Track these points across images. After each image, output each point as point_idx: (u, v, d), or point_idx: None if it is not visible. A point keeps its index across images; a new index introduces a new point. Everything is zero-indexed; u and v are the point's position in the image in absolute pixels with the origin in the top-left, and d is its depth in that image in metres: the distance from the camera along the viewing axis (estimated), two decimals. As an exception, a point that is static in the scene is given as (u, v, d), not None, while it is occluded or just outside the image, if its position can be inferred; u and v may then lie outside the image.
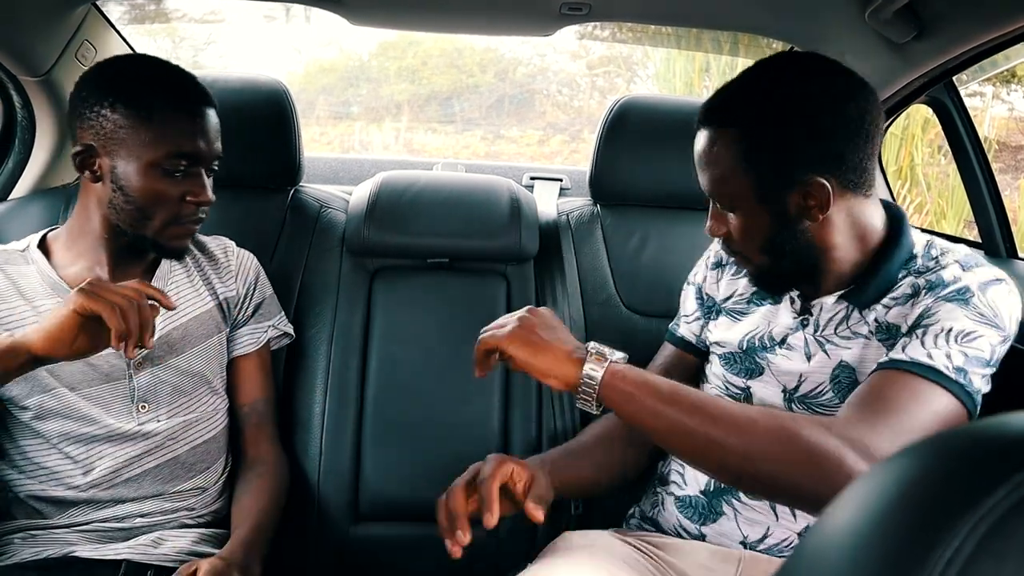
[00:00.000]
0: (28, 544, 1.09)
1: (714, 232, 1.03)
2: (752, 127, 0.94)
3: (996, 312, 0.90)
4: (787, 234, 0.96)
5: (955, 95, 1.37)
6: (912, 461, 0.36)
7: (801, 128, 0.92)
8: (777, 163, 0.93)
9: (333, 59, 5.64)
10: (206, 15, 2.85)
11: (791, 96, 0.92)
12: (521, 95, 5.49)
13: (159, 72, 1.11)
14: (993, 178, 1.37)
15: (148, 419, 1.14)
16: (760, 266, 1.02)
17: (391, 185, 1.50)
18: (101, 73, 1.09)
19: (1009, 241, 1.34)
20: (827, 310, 1.02)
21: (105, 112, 1.05)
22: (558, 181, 1.92)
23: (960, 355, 0.88)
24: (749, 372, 1.09)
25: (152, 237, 1.11)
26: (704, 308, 1.21)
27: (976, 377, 0.88)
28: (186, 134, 1.08)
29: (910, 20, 1.19)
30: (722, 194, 0.99)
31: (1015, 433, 0.35)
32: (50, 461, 1.10)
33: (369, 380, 1.44)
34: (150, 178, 1.07)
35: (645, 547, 1.09)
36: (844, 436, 0.80)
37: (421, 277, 1.51)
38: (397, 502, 1.39)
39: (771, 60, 0.98)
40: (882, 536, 0.33)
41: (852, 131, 0.92)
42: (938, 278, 0.94)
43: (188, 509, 1.18)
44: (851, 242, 0.98)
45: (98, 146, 1.07)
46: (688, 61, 4.58)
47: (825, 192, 0.92)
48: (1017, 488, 0.31)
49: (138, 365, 1.13)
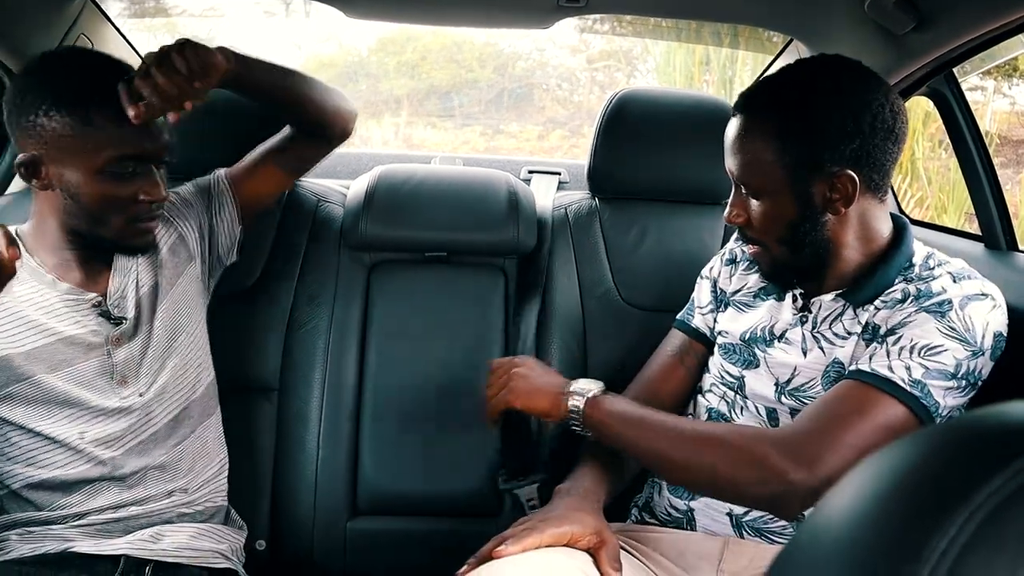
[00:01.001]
0: (26, 540, 1.08)
1: (733, 219, 1.06)
2: (791, 116, 0.98)
3: (969, 327, 0.93)
4: (808, 225, 1.00)
5: (955, 86, 1.36)
6: (909, 450, 0.36)
7: (840, 122, 0.95)
8: (811, 152, 0.97)
9: (332, 54, 5.63)
10: (205, 10, 2.84)
11: (832, 91, 0.97)
12: (520, 90, 5.48)
13: (94, 70, 1.04)
14: (994, 170, 1.36)
15: (129, 393, 1.13)
16: (776, 257, 1.05)
17: (389, 179, 1.50)
18: (34, 74, 1.04)
19: (1009, 234, 1.33)
20: (825, 307, 1.05)
21: (43, 120, 1.01)
22: (556, 175, 1.91)
23: (920, 368, 0.91)
24: (746, 363, 1.13)
25: (112, 239, 1.10)
26: (717, 301, 1.24)
27: (937, 390, 0.91)
28: (127, 136, 1.03)
29: (909, 11, 1.19)
30: (751, 179, 1.02)
31: (1012, 422, 0.35)
32: (37, 445, 1.09)
33: (367, 374, 1.44)
34: (99, 184, 1.04)
35: (627, 542, 1.11)
36: (791, 452, 0.89)
37: (419, 271, 1.51)
38: (395, 497, 1.39)
39: (813, 59, 1.04)
40: (878, 525, 0.33)
41: (885, 133, 0.96)
42: (926, 288, 0.97)
43: (183, 491, 1.16)
44: (859, 242, 1.02)
45: (43, 154, 1.03)
46: (688, 55, 4.56)
47: (852, 185, 0.96)
48: (1013, 477, 0.31)
49: (115, 341, 1.12)
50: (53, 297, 1.09)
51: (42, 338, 1.07)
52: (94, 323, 1.11)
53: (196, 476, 1.19)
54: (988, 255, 1.33)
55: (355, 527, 1.38)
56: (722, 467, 0.93)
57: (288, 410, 1.41)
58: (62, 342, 1.08)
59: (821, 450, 0.89)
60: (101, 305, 1.12)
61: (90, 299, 1.11)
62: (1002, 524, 0.30)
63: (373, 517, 1.40)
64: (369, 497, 1.40)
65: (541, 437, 1.42)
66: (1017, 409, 0.36)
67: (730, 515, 1.10)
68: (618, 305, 1.48)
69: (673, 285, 1.37)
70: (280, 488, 1.39)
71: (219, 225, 1.29)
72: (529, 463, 1.38)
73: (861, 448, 0.88)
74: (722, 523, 1.10)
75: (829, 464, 0.88)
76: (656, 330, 1.36)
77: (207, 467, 1.22)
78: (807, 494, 0.88)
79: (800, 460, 0.88)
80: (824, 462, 0.88)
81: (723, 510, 1.10)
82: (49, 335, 1.08)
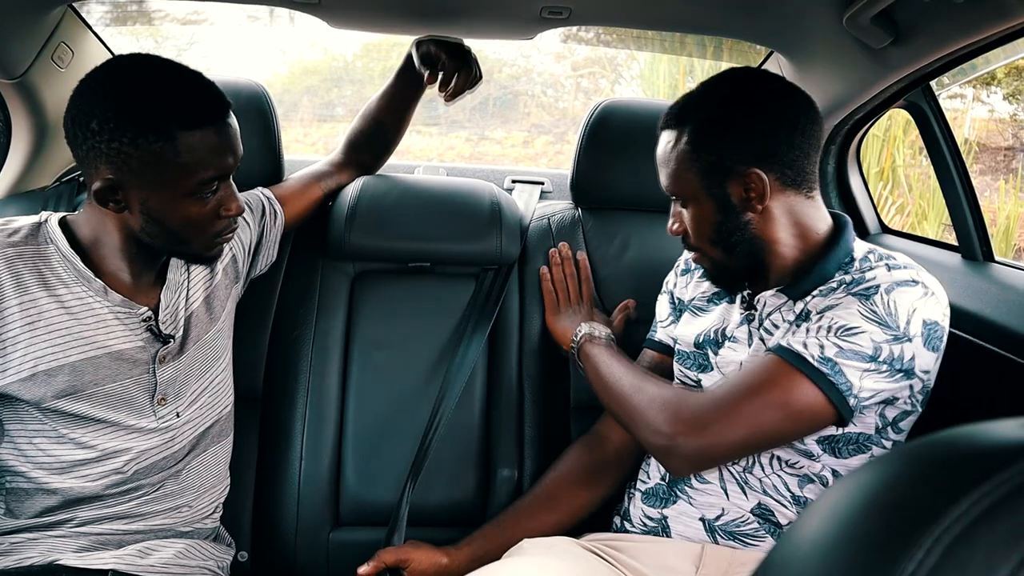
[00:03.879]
0: (14, 551, 1.05)
1: (674, 229, 1.14)
2: (702, 125, 1.06)
3: (892, 311, 0.95)
4: (732, 225, 1.07)
5: (932, 99, 1.38)
6: (879, 471, 0.37)
7: (742, 125, 1.04)
8: (720, 156, 1.04)
9: (317, 60, 5.62)
10: (189, 16, 2.82)
11: (736, 99, 1.06)
12: (505, 96, 5.49)
13: (171, 88, 0.98)
14: (970, 182, 1.38)
15: (167, 412, 1.11)
16: (715, 260, 1.11)
17: (372, 189, 1.50)
18: (107, 96, 0.96)
19: (985, 244, 1.35)
20: (768, 303, 1.09)
21: (126, 148, 0.95)
22: (539, 184, 1.92)
23: (833, 347, 0.95)
24: (700, 367, 1.18)
25: (191, 254, 1.08)
26: (675, 311, 1.29)
27: (851, 370, 0.94)
28: (214, 155, 0.99)
29: (887, 26, 1.20)
30: (677, 189, 1.10)
31: (981, 444, 0.36)
32: (65, 454, 1.04)
33: (350, 384, 1.43)
34: (186, 206, 1.01)
35: (603, 550, 1.13)
36: (686, 417, 1.00)
37: (402, 281, 1.51)
38: (378, 507, 1.38)
39: (725, 73, 1.11)
40: (847, 548, 0.33)
41: (787, 130, 1.03)
42: (861, 277, 1.01)
43: (188, 507, 1.15)
44: (792, 239, 1.07)
45: (123, 180, 0.97)
46: (672, 63, 4.59)
47: (762, 183, 1.03)
48: (980, 500, 0.31)
49: (161, 360, 1.10)
50: (103, 308, 1.05)
51: (91, 350, 1.03)
52: (141, 339, 1.08)
53: (203, 494, 1.18)
54: (965, 265, 1.35)
55: (338, 537, 1.38)
56: (636, 418, 1.06)
57: (271, 420, 1.41)
58: (109, 356, 1.04)
59: (714, 417, 0.97)
60: (150, 320, 1.08)
61: (141, 313, 1.07)
62: (970, 546, 0.30)
63: (356, 528, 1.39)
64: (352, 507, 1.39)
65: (526, 446, 1.43)
66: (986, 430, 0.36)
67: (703, 520, 1.11)
68: (601, 314, 1.49)
69: (655, 295, 1.38)
70: (262, 499, 1.38)
71: (264, 245, 1.31)
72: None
73: (758, 422, 0.96)
74: (695, 528, 1.12)
75: (719, 432, 0.97)
76: (639, 339, 1.36)
77: (215, 487, 1.21)
78: (693, 455, 0.99)
79: (691, 424, 0.98)
80: (715, 429, 0.97)
81: (695, 516, 1.12)
82: (97, 348, 1.03)
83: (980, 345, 1.16)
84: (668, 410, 1.02)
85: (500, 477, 1.41)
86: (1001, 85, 5.09)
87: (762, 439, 0.98)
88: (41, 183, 1.55)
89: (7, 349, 0.99)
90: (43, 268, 1.03)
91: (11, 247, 1.02)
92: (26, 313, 1.00)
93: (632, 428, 1.08)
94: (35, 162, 1.52)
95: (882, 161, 4.42)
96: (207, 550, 1.18)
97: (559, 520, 1.23)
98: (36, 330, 1.00)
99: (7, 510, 1.06)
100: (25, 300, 1.00)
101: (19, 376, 0.99)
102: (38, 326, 1.00)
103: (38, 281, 1.02)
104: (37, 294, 1.01)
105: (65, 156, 1.53)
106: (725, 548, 1.09)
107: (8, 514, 1.06)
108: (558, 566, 1.00)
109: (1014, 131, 5.18)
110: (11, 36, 1.35)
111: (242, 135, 1.07)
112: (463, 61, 1.39)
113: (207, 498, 1.19)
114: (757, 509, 1.08)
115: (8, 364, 0.99)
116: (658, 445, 1.01)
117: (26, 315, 1.00)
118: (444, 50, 1.39)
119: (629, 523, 1.20)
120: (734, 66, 1.13)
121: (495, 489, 1.41)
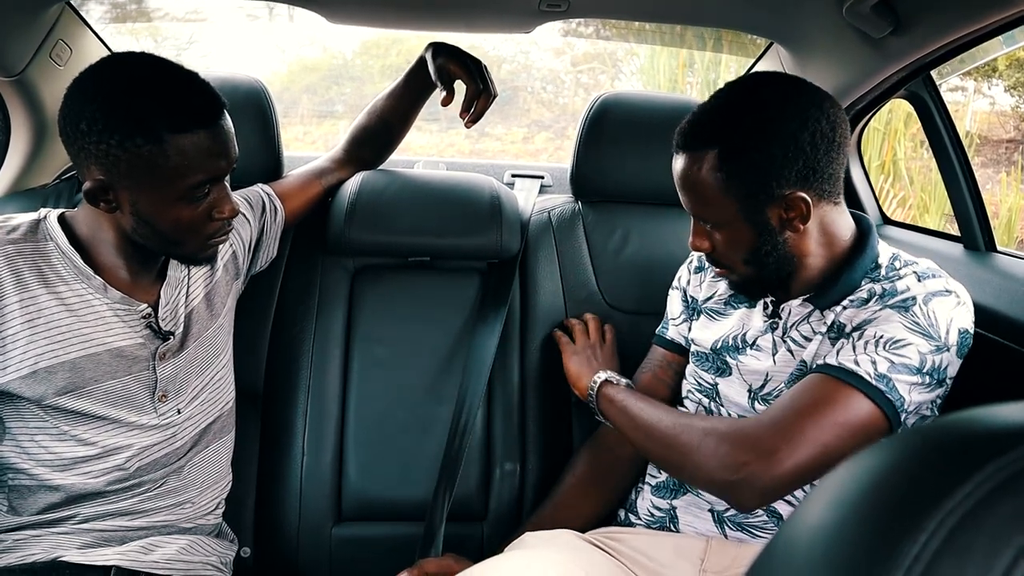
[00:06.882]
0: (13, 548, 1.05)
1: (698, 248, 1.07)
2: (732, 149, 0.97)
3: (933, 322, 0.93)
4: (770, 246, 1.01)
5: (933, 89, 1.37)
6: (882, 455, 0.36)
7: (781, 147, 0.95)
8: (759, 182, 0.97)
9: (317, 58, 5.61)
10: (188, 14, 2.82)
11: (768, 117, 0.96)
12: (505, 92, 5.49)
13: (161, 89, 0.95)
14: (972, 172, 1.37)
15: (168, 409, 1.11)
16: (743, 276, 1.06)
17: (372, 184, 1.49)
18: (96, 97, 0.94)
19: (987, 235, 1.35)
20: (794, 312, 1.07)
21: (114, 150, 0.93)
22: (539, 179, 1.92)
23: (885, 362, 0.92)
24: (719, 371, 1.15)
25: (185, 255, 1.08)
26: (689, 310, 1.26)
27: (902, 385, 0.92)
28: (206, 159, 0.98)
29: (887, 15, 1.19)
30: (706, 214, 1.02)
31: (983, 427, 0.35)
32: (67, 450, 1.04)
33: (351, 380, 1.43)
34: (177, 209, 0.99)
35: (605, 543, 1.13)
36: (751, 445, 0.92)
37: (402, 276, 1.51)
38: (380, 502, 1.38)
39: (739, 83, 1.02)
40: (851, 531, 0.33)
41: (826, 145, 0.96)
42: (892, 287, 0.98)
43: (191, 503, 1.15)
44: (820, 248, 1.03)
45: (112, 181, 0.96)
46: (672, 57, 4.58)
47: (806, 205, 0.97)
48: (984, 482, 0.31)
49: (161, 356, 1.09)
50: (102, 305, 1.04)
51: (91, 347, 1.03)
52: (141, 336, 1.08)
53: (206, 491, 1.18)
54: (967, 256, 1.35)
55: (340, 533, 1.38)
56: (692, 458, 0.98)
57: (273, 416, 1.41)
58: (109, 353, 1.04)
59: (780, 442, 0.90)
60: (150, 317, 1.08)
61: (141, 310, 1.07)
62: (973, 530, 0.30)
63: (358, 523, 1.39)
64: (354, 502, 1.39)
65: (527, 441, 1.42)
66: (989, 414, 0.36)
67: (712, 511, 1.11)
68: (602, 308, 1.49)
69: (657, 288, 1.38)
70: (265, 495, 1.38)
71: (264, 242, 1.31)
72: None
73: (823, 442, 0.90)
74: (704, 519, 1.11)
75: (788, 456, 0.90)
76: (640, 333, 1.36)
77: (217, 483, 1.21)
78: (766, 485, 0.91)
79: (757, 453, 0.91)
80: (783, 454, 0.90)
81: (705, 507, 1.11)
82: (97, 345, 1.03)
83: (982, 334, 1.16)
84: (728, 442, 0.94)
85: (502, 472, 1.41)
86: (1002, 77, 5.08)
87: (827, 460, 0.90)
88: (40, 181, 1.54)
89: (7, 346, 0.99)
90: (43, 265, 1.02)
91: (10, 244, 1.02)
92: (26, 310, 1.00)
93: (686, 470, 0.99)
94: (34, 160, 1.52)
95: (883, 154, 4.41)
96: (210, 546, 1.18)
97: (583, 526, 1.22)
98: (36, 327, 1.00)
99: (10, 507, 1.06)
100: (25, 297, 1.00)
101: (19, 373, 0.99)
102: (38, 323, 1.00)
103: (38, 278, 1.01)
104: (37, 291, 1.01)
105: (64, 154, 1.53)
106: (732, 542, 1.09)
107: (11, 511, 1.06)
108: (560, 559, 1.00)
109: (1015, 123, 5.17)
110: (9, 34, 1.34)
111: (241, 131, 1.06)
112: (483, 83, 1.35)
113: (209, 494, 1.19)
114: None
115: (8, 361, 0.99)
116: (724, 481, 0.93)
117: (26, 312, 1.00)
118: (462, 70, 1.35)
119: (635, 516, 1.20)
120: (758, 71, 1.05)
121: (497, 484, 1.41)
